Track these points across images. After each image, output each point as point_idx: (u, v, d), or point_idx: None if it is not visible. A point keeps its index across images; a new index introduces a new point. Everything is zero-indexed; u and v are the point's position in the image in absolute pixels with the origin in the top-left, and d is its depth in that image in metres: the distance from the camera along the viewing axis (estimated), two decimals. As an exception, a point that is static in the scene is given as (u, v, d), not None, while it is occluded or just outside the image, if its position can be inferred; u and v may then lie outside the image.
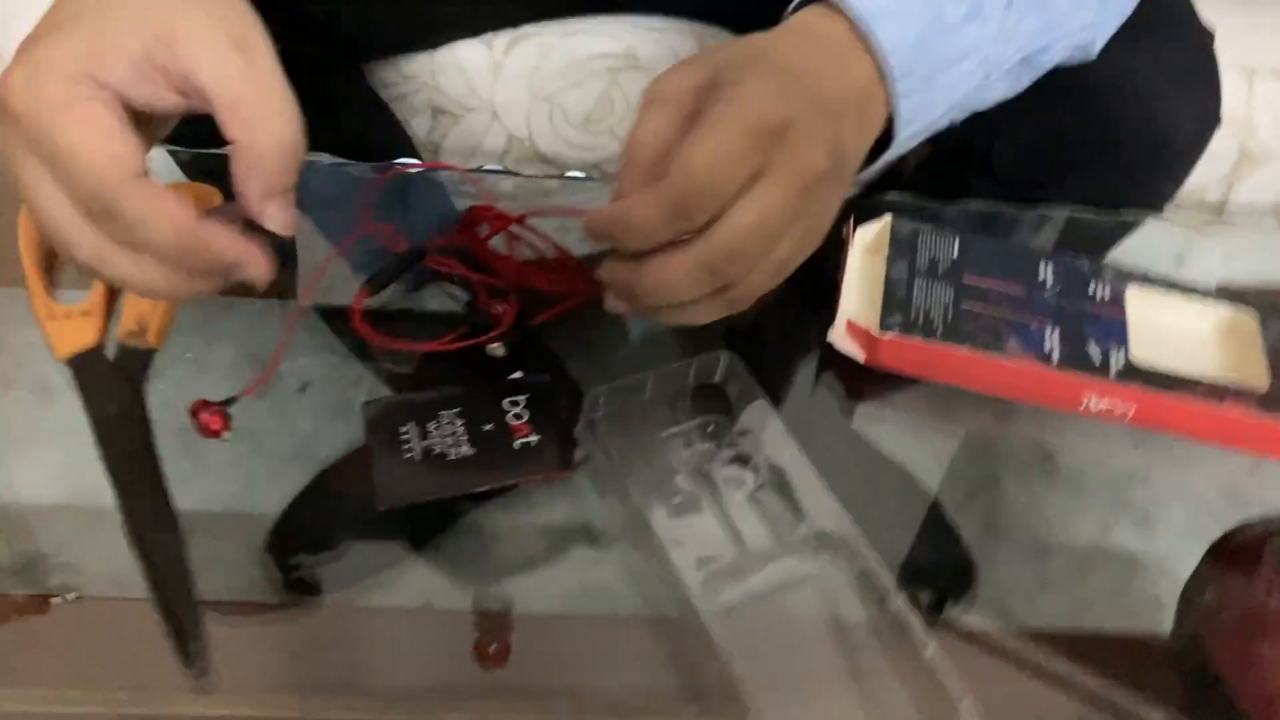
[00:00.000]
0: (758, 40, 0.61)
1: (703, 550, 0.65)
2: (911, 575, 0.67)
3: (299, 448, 0.72)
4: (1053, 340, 0.72)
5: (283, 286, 0.73)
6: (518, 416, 0.70)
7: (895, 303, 0.73)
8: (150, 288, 0.53)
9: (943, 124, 0.67)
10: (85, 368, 0.69)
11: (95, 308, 0.71)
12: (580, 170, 1.12)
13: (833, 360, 0.75)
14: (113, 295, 0.71)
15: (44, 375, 0.72)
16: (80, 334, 0.70)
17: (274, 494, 0.69)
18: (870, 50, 0.61)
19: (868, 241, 0.79)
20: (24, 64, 0.49)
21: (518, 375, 0.73)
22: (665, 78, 0.59)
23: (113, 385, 0.69)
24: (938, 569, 0.71)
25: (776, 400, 0.72)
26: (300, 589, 0.67)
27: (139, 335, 0.70)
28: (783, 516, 0.67)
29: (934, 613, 0.66)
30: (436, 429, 0.69)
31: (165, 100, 0.52)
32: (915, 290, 0.73)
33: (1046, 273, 0.77)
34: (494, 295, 0.75)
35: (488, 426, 0.69)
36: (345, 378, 0.76)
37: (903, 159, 1.03)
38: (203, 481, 0.69)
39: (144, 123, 0.53)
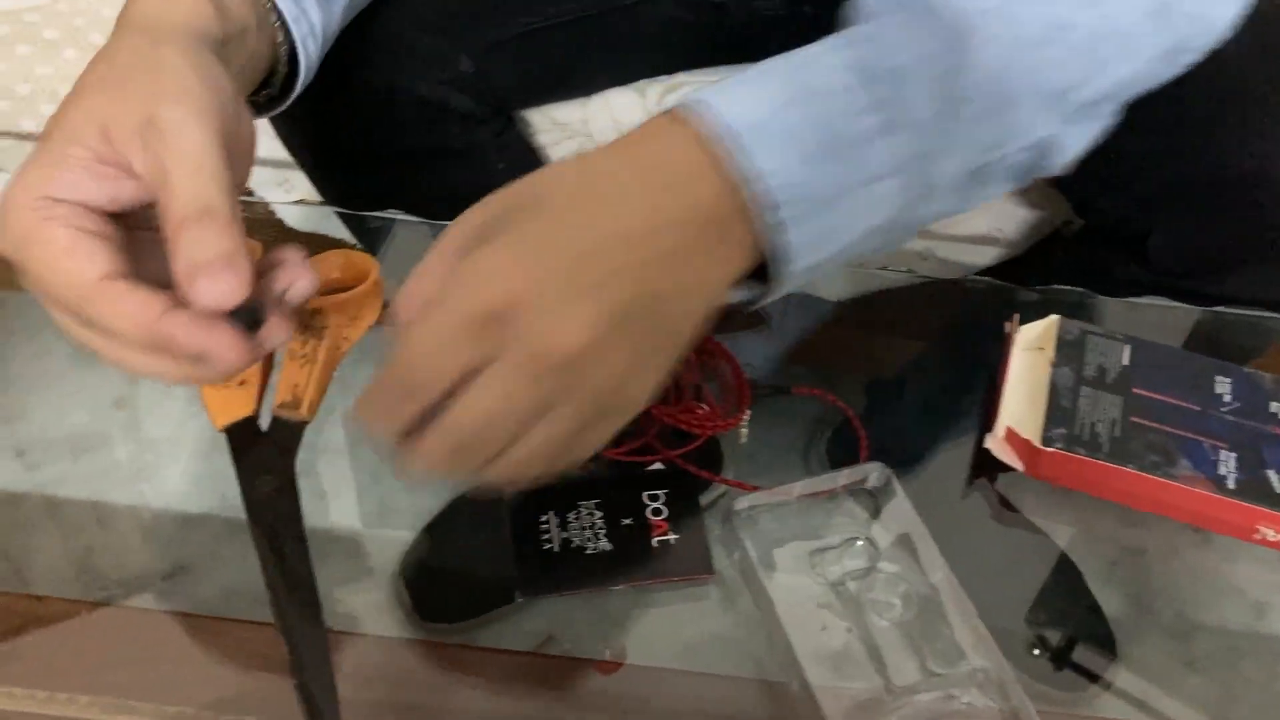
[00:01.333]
0: (565, 168, 0.52)
1: (844, 678, 0.63)
2: (1044, 644, 0.65)
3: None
4: (1228, 464, 0.69)
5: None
6: (656, 512, 0.69)
7: (1060, 413, 0.70)
8: (145, 372, 0.53)
9: (875, 246, 0.56)
10: (240, 437, 0.69)
11: (252, 377, 0.70)
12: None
13: (989, 464, 0.72)
14: (268, 365, 0.72)
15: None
16: (237, 404, 0.70)
17: (409, 517, 0.70)
18: (732, 173, 0.49)
19: (1031, 340, 0.76)
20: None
21: (658, 466, 0.72)
22: (459, 218, 0.51)
23: (265, 457, 0.69)
24: (1072, 640, 0.69)
25: (927, 509, 0.69)
26: (430, 616, 0.67)
27: (292, 407, 0.70)
28: (931, 648, 0.65)
29: (1060, 661, 0.65)
30: (576, 520, 0.69)
31: (125, 190, 0.52)
32: (1081, 400, 0.71)
33: (1223, 387, 0.73)
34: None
35: (626, 521, 0.69)
36: None
37: (1057, 231, 1.01)
38: (338, 500, 0.69)
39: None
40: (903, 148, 0.52)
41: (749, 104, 0.50)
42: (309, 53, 0.68)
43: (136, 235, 0.54)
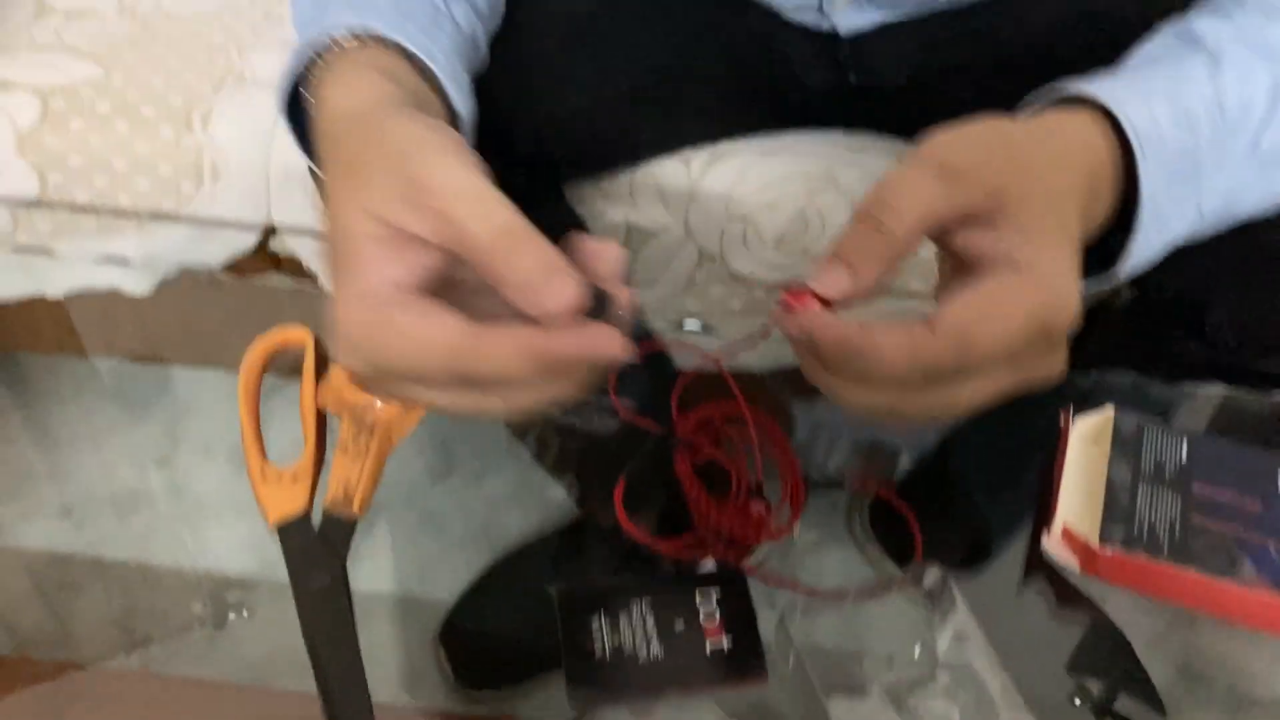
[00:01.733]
0: (1042, 154, 0.55)
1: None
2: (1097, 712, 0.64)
3: (476, 532, 0.72)
4: None
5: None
6: (710, 616, 0.68)
7: (1117, 511, 0.68)
8: (526, 405, 0.53)
9: (1142, 267, 0.62)
10: (292, 536, 0.69)
11: (304, 472, 0.71)
12: (770, 286, 1.10)
13: (1043, 559, 0.71)
14: (319, 460, 0.72)
15: (240, 446, 0.72)
16: (289, 500, 0.70)
17: (449, 580, 0.69)
18: (1124, 170, 0.58)
19: (1086, 433, 0.75)
20: (333, 342, 0.51)
21: (711, 567, 0.71)
22: (954, 150, 0.53)
23: (317, 557, 0.69)
24: (1122, 713, 0.68)
25: (981, 604, 0.68)
26: (470, 682, 0.66)
27: (344, 504, 0.70)
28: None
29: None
30: (627, 622, 0.67)
31: (423, 259, 0.52)
32: (1139, 498, 0.69)
33: None
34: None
35: (679, 625, 0.67)
36: (524, 461, 0.75)
37: (1106, 303, 0.99)
38: (378, 561, 0.69)
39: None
40: (1218, 181, 0.60)
41: (1147, 117, 0.57)
42: (466, 126, 0.68)
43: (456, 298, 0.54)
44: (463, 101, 0.66)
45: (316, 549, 0.69)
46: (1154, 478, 0.71)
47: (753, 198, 1.07)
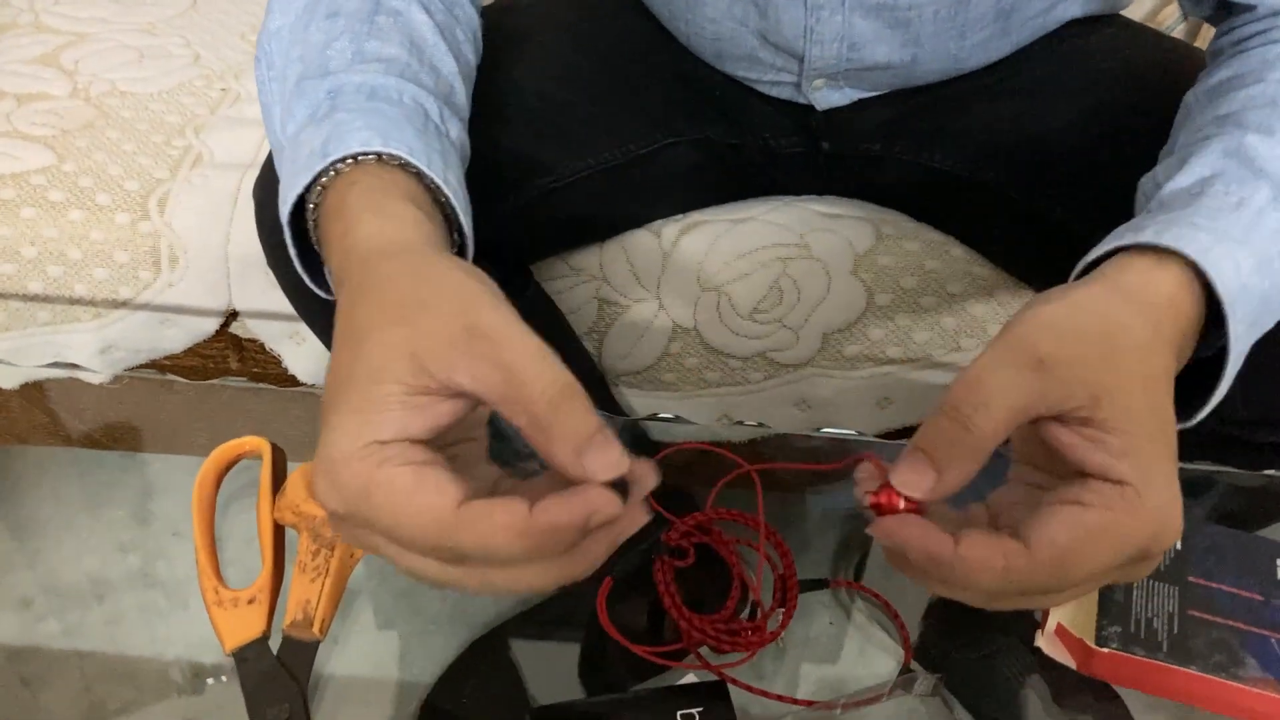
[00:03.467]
0: (1138, 357, 0.53)
1: None
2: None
3: (453, 611, 0.70)
4: None
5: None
6: None
7: (1113, 609, 0.66)
8: (541, 588, 0.50)
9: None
10: (249, 662, 0.67)
11: (261, 593, 0.69)
12: (746, 357, 1.09)
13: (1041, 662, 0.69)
14: (278, 581, 0.69)
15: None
16: (247, 624, 0.68)
17: (426, 661, 0.67)
18: (1203, 309, 0.57)
19: None
20: (318, 473, 0.49)
21: (690, 678, 0.68)
22: (1048, 345, 0.51)
23: (276, 683, 0.66)
24: None
25: (981, 709, 0.66)
26: None
27: (304, 626, 0.67)
28: None
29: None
30: None
31: (443, 413, 0.50)
32: (1135, 592, 0.67)
33: None
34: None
35: None
36: None
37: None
38: (355, 642, 0.68)
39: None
40: None
41: (1232, 271, 0.56)
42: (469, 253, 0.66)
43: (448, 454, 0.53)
44: (469, 228, 0.65)
45: (275, 676, 0.66)
46: None
47: (726, 268, 1.05)
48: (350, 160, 0.60)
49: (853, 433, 0.95)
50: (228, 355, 1.21)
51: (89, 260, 1.13)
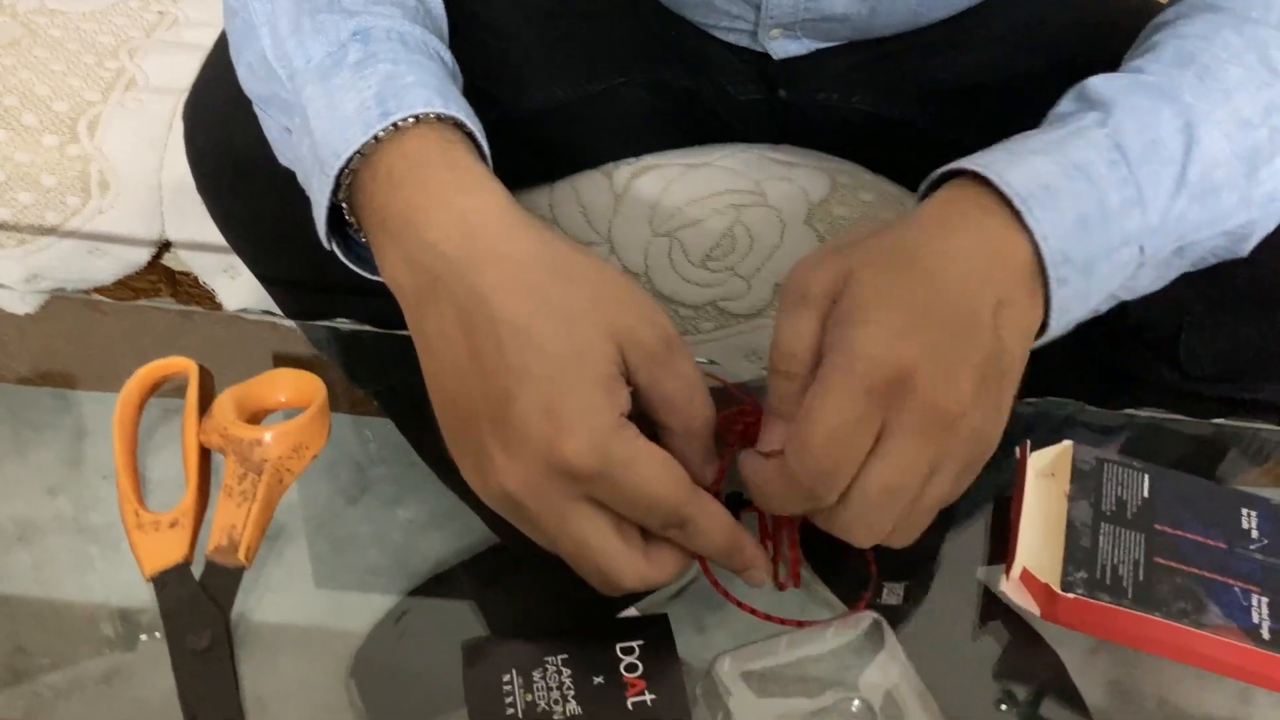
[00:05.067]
0: (896, 238, 0.57)
1: None
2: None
3: (391, 560, 0.70)
4: (1260, 611, 0.63)
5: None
6: (631, 668, 0.62)
7: (1079, 554, 0.64)
8: (663, 583, 0.58)
9: (1089, 313, 0.62)
10: (170, 587, 0.63)
11: (185, 517, 0.65)
12: (697, 305, 1.05)
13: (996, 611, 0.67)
14: (203, 504, 0.66)
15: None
16: (168, 548, 0.64)
17: (363, 611, 0.67)
18: (1027, 234, 0.56)
19: (1042, 467, 0.70)
20: (572, 426, 0.52)
21: (632, 612, 0.66)
22: (802, 273, 0.56)
23: (198, 611, 0.62)
24: None
25: (921, 650, 0.64)
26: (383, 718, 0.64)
27: (229, 552, 0.63)
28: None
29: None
30: (541, 679, 0.61)
31: (628, 406, 0.56)
32: (1101, 539, 0.65)
33: (1250, 522, 0.68)
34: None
35: (598, 679, 0.61)
36: (442, 484, 0.73)
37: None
38: (289, 591, 0.67)
39: None
40: (1141, 221, 0.59)
41: (1029, 174, 0.56)
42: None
43: None
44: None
45: (197, 602, 0.62)
46: (1115, 517, 0.67)
47: (679, 213, 1.02)
48: (412, 119, 0.59)
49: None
50: (160, 289, 1.18)
51: (13, 183, 1.08)
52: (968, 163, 0.58)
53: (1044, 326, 0.58)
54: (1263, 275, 0.68)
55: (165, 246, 1.14)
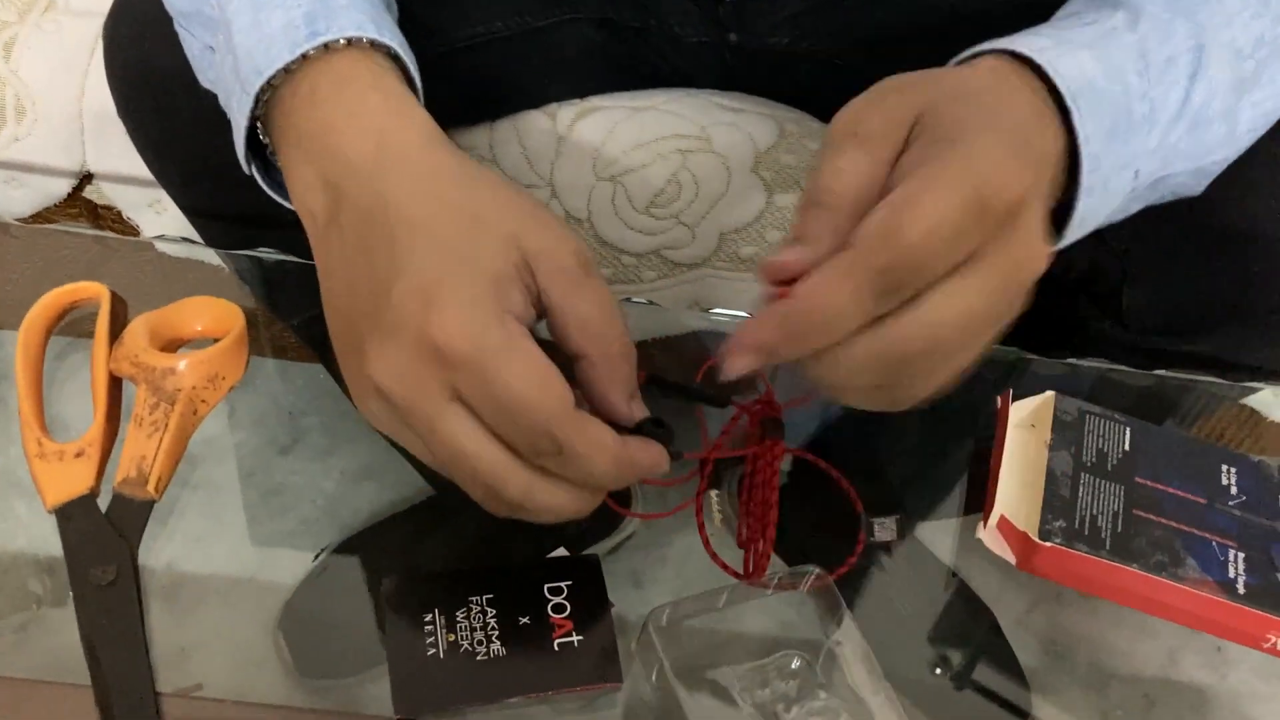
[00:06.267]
0: (963, 79, 0.52)
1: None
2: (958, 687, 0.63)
3: (323, 511, 0.67)
4: (1237, 566, 0.61)
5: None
6: (558, 609, 0.59)
7: (1057, 504, 0.62)
8: (565, 513, 0.51)
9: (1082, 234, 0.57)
10: (74, 520, 0.59)
11: (91, 447, 0.60)
12: (640, 254, 1.01)
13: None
14: (112, 434, 0.61)
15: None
16: (73, 479, 0.60)
17: (293, 563, 0.64)
18: (1069, 131, 0.51)
19: (1023, 417, 0.69)
20: (448, 305, 0.47)
21: (560, 552, 0.63)
22: (861, 109, 0.50)
23: (103, 545, 0.58)
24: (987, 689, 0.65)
25: (861, 603, 0.63)
26: (312, 671, 0.61)
27: (137, 484, 0.59)
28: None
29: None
30: (465, 618, 0.59)
31: (532, 318, 0.51)
32: (1080, 489, 0.63)
33: (1229, 478, 0.66)
34: None
35: (524, 619, 0.59)
36: (374, 437, 0.67)
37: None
38: (217, 541, 0.64)
39: None
40: (1148, 140, 0.55)
41: (1075, 69, 0.51)
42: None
43: None
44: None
45: (103, 535, 0.58)
46: (1095, 469, 0.65)
47: (623, 157, 0.97)
48: (343, 42, 0.55)
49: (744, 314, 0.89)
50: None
51: (-79, 107, 1.02)
52: (1015, 44, 0.53)
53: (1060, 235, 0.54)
54: (1205, 228, 0.66)
55: (87, 178, 1.08)
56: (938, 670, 0.64)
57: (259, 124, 0.58)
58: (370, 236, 0.50)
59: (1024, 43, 0.52)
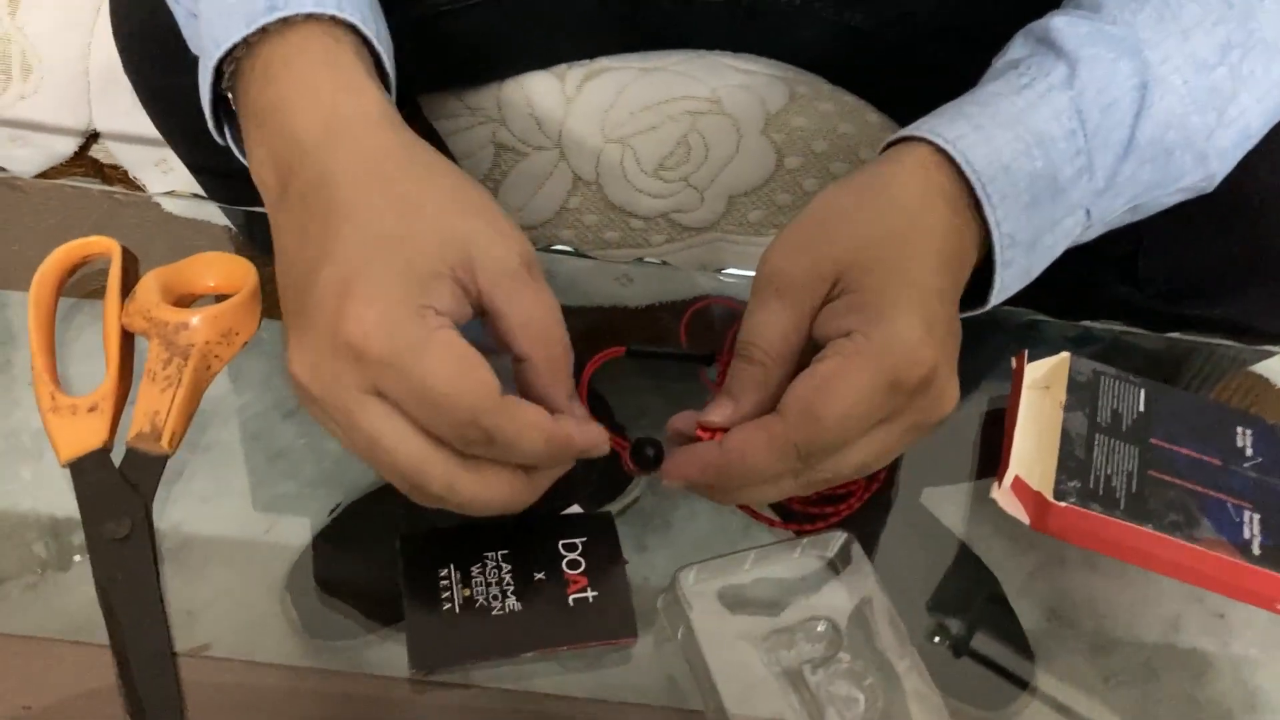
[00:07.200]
0: (882, 220, 0.55)
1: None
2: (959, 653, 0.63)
3: (329, 472, 0.65)
4: (1252, 527, 0.61)
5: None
6: (573, 565, 0.59)
7: (1072, 464, 0.61)
8: (493, 506, 0.51)
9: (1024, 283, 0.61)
10: (87, 475, 0.58)
11: (105, 402, 0.59)
12: (648, 217, 0.99)
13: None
14: (125, 389, 0.60)
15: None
16: (86, 434, 0.59)
17: (299, 524, 0.63)
18: (982, 220, 0.55)
19: (1038, 378, 0.68)
20: (363, 301, 0.47)
21: (575, 509, 0.62)
22: (781, 261, 0.54)
23: (117, 499, 0.57)
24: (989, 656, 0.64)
25: (886, 568, 0.61)
26: (320, 632, 0.60)
27: (151, 439, 0.58)
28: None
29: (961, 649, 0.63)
30: (480, 574, 0.58)
31: (464, 316, 0.51)
32: (1095, 450, 0.62)
33: (1245, 440, 0.66)
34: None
35: (539, 575, 0.58)
36: None
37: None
38: (223, 503, 0.62)
39: None
40: (1090, 186, 0.57)
41: (989, 151, 0.55)
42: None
43: None
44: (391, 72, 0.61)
45: (116, 490, 0.58)
46: (1110, 429, 0.64)
47: (632, 119, 0.96)
48: (302, 17, 0.55)
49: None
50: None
51: (-74, 63, 1.01)
52: (931, 134, 0.56)
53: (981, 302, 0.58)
54: (1221, 194, 0.65)
55: (93, 137, 1.08)
56: (935, 639, 0.63)
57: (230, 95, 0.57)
58: (307, 217, 0.50)
59: (946, 128, 0.56)
